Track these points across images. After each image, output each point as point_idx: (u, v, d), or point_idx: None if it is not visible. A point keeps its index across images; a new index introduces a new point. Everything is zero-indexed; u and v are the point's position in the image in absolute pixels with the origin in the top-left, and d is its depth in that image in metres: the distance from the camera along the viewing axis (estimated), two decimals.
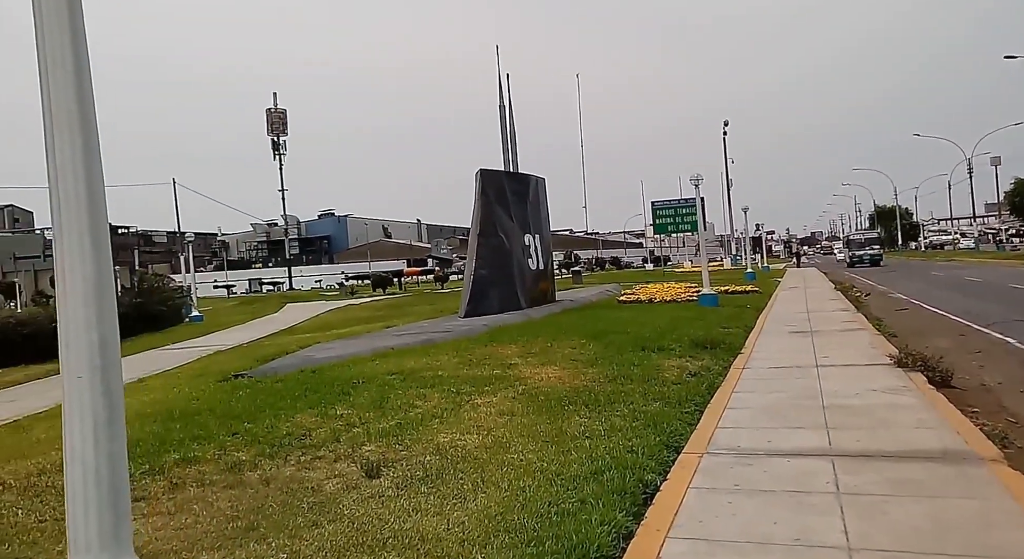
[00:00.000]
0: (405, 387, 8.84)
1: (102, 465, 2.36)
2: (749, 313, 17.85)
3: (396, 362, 10.85)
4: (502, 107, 23.10)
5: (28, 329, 17.74)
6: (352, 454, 6.20)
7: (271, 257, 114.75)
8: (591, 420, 6.96)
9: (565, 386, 8.69)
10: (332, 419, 7.36)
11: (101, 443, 2.37)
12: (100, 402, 2.41)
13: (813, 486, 5.05)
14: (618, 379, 9.01)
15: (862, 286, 28.49)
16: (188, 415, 7.81)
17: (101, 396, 2.42)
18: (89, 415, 2.38)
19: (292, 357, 12.29)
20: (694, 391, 8.32)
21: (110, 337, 2.48)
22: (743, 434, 6.48)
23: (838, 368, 9.64)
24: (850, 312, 17.47)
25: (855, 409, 7.17)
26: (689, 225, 35.86)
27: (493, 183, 19.82)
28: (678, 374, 9.41)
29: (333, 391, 8.68)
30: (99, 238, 2.50)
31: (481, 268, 19.05)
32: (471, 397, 8.19)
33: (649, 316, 16.78)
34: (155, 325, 24.65)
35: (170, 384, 10.62)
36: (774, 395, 8.11)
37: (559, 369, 9.87)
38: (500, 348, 12.05)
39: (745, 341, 12.86)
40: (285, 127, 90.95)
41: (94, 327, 2.43)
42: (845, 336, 13.04)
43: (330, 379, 9.52)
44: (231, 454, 6.33)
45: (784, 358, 10.80)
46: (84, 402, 2.39)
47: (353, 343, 14.10)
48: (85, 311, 2.42)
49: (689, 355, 10.89)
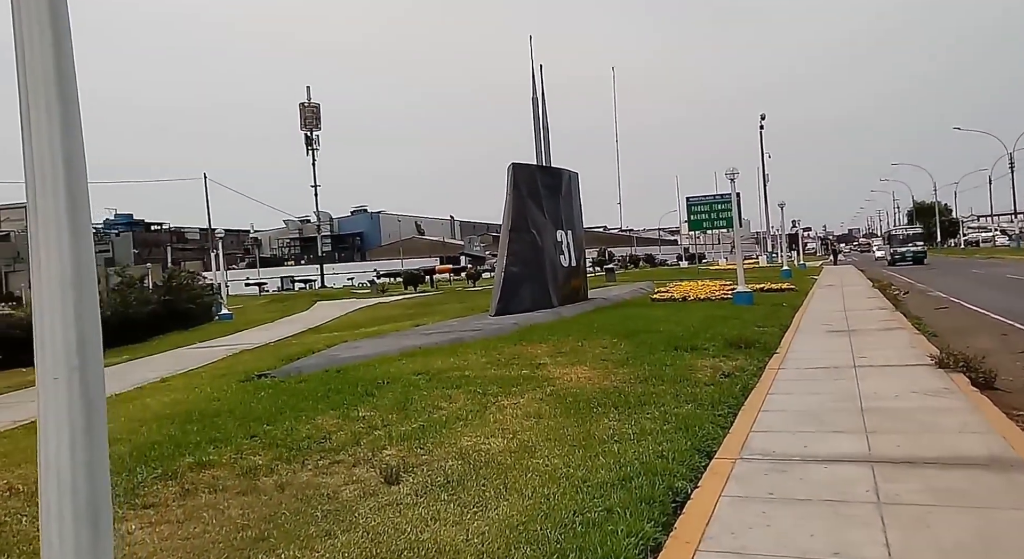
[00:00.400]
0: (430, 388, 8.67)
1: (79, 476, 2.18)
2: (785, 311, 17.44)
3: (423, 362, 10.70)
4: (535, 100, 22.80)
5: None
6: (372, 458, 6.03)
7: (303, 254, 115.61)
8: (620, 423, 6.73)
9: (595, 387, 8.46)
10: (354, 421, 7.22)
11: (79, 452, 2.19)
12: (78, 406, 2.22)
13: (852, 495, 4.78)
14: (649, 380, 8.76)
15: (900, 284, 27.79)
16: (207, 416, 7.71)
17: (79, 400, 2.23)
18: (65, 421, 2.20)
19: (317, 356, 12.20)
20: (727, 393, 8.05)
21: (90, 335, 2.29)
22: (778, 438, 6.20)
23: (877, 369, 9.28)
24: (888, 310, 16.98)
25: (895, 412, 6.85)
26: (724, 221, 35.33)
27: (525, 177, 19.58)
28: (711, 375, 9.12)
29: (357, 392, 8.54)
30: (79, 226, 2.31)
31: (512, 265, 18.83)
32: (497, 398, 8.00)
33: (682, 314, 16.47)
34: (184, 323, 24.81)
35: (192, 384, 10.57)
36: (810, 397, 7.80)
37: (589, 369, 9.64)
38: (529, 347, 11.85)
39: (780, 340, 12.51)
40: (318, 122, 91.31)
41: (72, 324, 2.24)
42: (883, 335, 12.63)
43: (354, 379, 9.38)
44: (247, 458, 6.20)
45: (821, 358, 10.45)
46: (60, 406, 2.21)
47: (380, 342, 13.98)
48: (63, 306, 2.23)
49: (723, 355, 10.59)
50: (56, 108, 2.31)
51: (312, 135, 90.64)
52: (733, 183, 22.35)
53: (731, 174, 21.83)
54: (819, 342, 12.29)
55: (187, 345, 18.74)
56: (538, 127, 22.69)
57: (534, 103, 22.77)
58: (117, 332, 20.12)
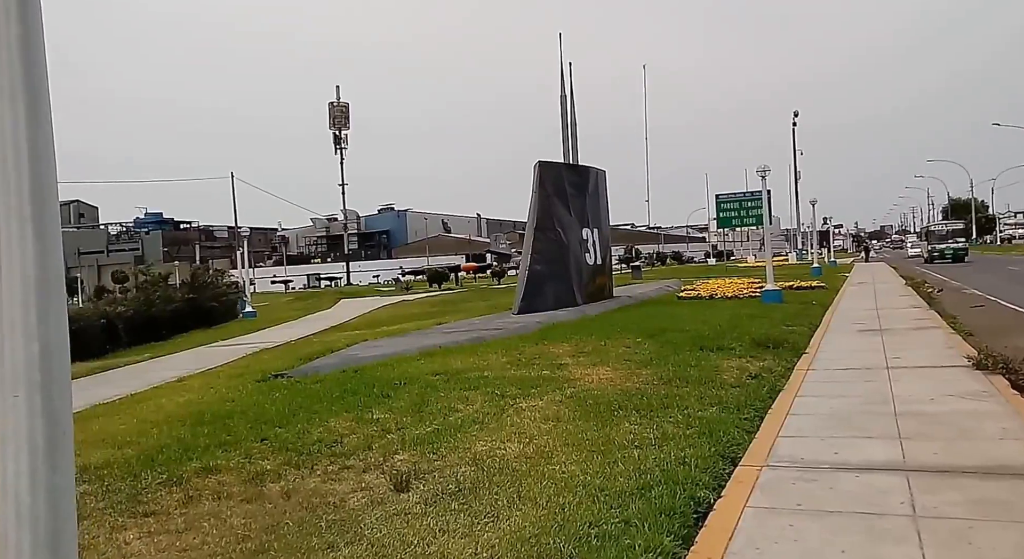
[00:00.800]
0: (448, 389, 8.49)
1: (40, 502, 2.00)
2: (814, 310, 17.05)
3: (442, 361, 10.52)
4: (563, 97, 22.55)
5: (75, 326, 17.92)
6: (383, 464, 5.85)
7: (330, 252, 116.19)
8: (642, 427, 6.49)
9: (616, 389, 8.22)
10: (367, 424, 7.05)
11: (39, 476, 2.01)
12: (39, 426, 2.04)
13: (886, 507, 4.51)
14: (673, 381, 8.50)
15: (934, 281, 27.14)
16: (219, 418, 7.58)
17: (40, 418, 2.05)
18: (25, 442, 2.01)
19: (335, 356, 12.07)
20: (754, 395, 7.78)
21: (56, 347, 2.10)
22: (807, 444, 5.93)
23: (911, 370, 8.95)
24: (922, 309, 16.54)
25: (931, 417, 6.54)
26: (754, 219, 34.77)
27: (551, 175, 19.34)
28: (737, 376, 8.85)
29: (373, 393, 8.37)
30: (45, 226, 2.11)
31: (536, 263, 18.61)
32: (516, 400, 7.79)
33: (709, 313, 16.14)
34: (208, 321, 24.91)
35: (208, 384, 10.48)
36: (841, 400, 7.51)
37: (611, 370, 9.40)
38: (551, 347, 11.63)
39: (810, 340, 12.18)
40: (347, 121, 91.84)
41: (35, 335, 2.05)
42: (918, 335, 12.25)
43: (371, 380, 9.22)
44: (256, 463, 6.04)
45: (852, 359, 10.12)
46: (20, 426, 2.03)
47: (400, 341, 13.84)
48: (24, 315, 2.05)
49: (750, 355, 10.30)
50: (22, 98, 2.13)
51: (341, 134, 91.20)
52: (764, 180, 21.90)
53: (762, 171, 21.43)
54: (850, 342, 11.95)
55: (209, 343, 18.75)
56: (566, 125, 22.46)
57: (562, 100, 22.53)
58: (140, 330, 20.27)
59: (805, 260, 54.51)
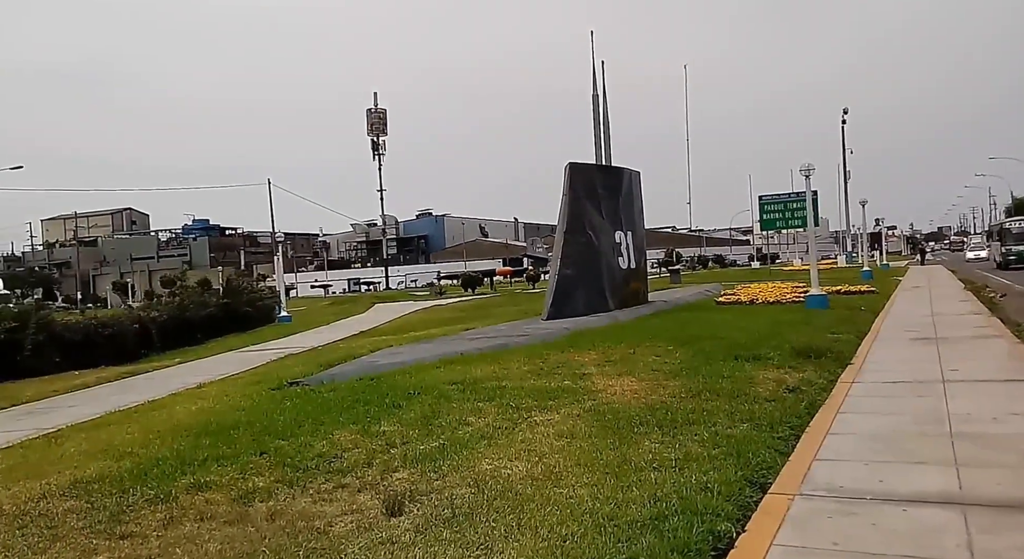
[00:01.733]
0: (462, 399, 7.98)
1: None
2: (863, 316, 16.17)
3: (461, 370, 10.02)
4: (595, 97, 21.98)
5: (110, 330, 17.94)
6: (379, 483, 5.36)
7: (370, 257, 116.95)
8: (663, 446, 5.90)
9: (640, 402, 7.63)
10: (373, 437, 6.57)
11: None
12: None
13: (938, 549, 3.87)
14: (702, 394, 7.87)
15: (996, 286, 25.91)
16: (224, 429, 7.19)
17: None
18: None
19: (355, 363, 11.66)
20: (791, 411, 7.12)
21: None
22: (847, 470, 5.28)
23: (969, 384, 8.19)
24: (983, 315, 15.56)
25: (993, 440, 5.83)
26: (799, 220, 33.67)
27: (583, 177, 18.75)
28: (774, 389, 8.18)
29: (384, 403, 7.90)
30: None
31: (566, 268, 18.04)
32: (531, 413, 7.24)
33: (748, 319, 15.39)
34: (243, 325, 24.82)
35: (224, 391, 10.14)
36: (889, 418, 6.81)
37: (637, 381, 8.80)
38: (577, 355, 11.06)
39: (856, 349, 11.40)
40: (385, 127, 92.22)
41: None
42: (978, 344, 11.39)
43: (386, 389, 8.76)
44: (249, 479, 5.62)
45: (903, 371, 9.36)
46: None
47: (424, 347, 13.39)
48: None
49: (789, 365, 9.60)
50: None
51: (379, 140, 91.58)
52: (808, 180, 20.96)
53: (806, 170, 20.49)
54: (901, 351, 11.15)
55: (240, 348, 18.55)
56: (598, 125, 21.90)
57: (594, 100, 21.96)
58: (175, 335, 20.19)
59: (855, 263, 52.90)
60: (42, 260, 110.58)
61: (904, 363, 9.98)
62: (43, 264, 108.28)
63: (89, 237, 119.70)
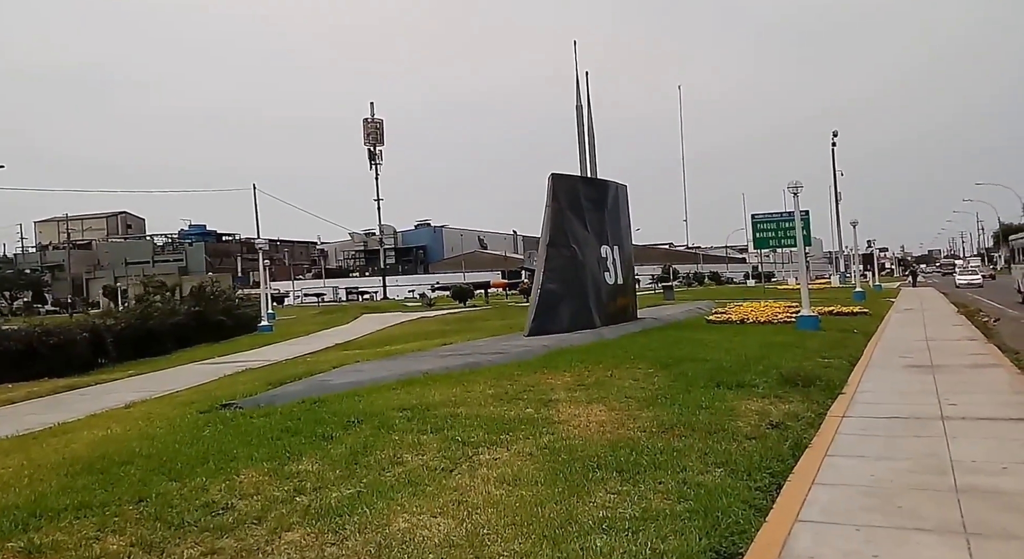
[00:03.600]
0: (406, 430, 7.10)
1: None
2: (855, 340, 15.35)
3: (419, 392, 9.16)
4: (579, 107, 21.20)
5: (56, 339, 16.86)
6: (262, 548, 4.42)
7: (368, 266, 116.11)
8: (620, 498, 5.03)
9: (605, 437, 6.76)
10: (283, 479, 5.66)
11: None
12: None
13: None
14: (675, 428, 7.01)
15: (989, 309, 25.14)
16: (115, 464, 6.23)
17: None
18: None
19: (306, 382, 10.76)
20: (773, 452, 6.26)
21: None
22: (835, 537, 4.40)
23: (972, 423, 7.33)
24: (979, 342, 14.76)
25: (1006, 499, 4.94)
26: (792, 240, 32.98)
27: (566, 188, 17.94)
28: (756, 423, 7.32)
29: (315, 434, 7.02)
30: None
31: (550, 282, 17.19)
32: (478, 450, 6.37)
33: (736, 340, 14.55)
34: (217, 335, 23.84)
35: (150, 413, 9.18)
36: (884, 464, 5.94)
37: (607, 410, 7.94)
38: (549, 376, 10.22)
39: (848, 377, 10.57)
40: (382, 137, 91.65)
41: None
42: (976, 374, 10.56)
43: (325, 415, 7.87)
44: (103, 540, 4.61)
45: (898, 403, 8.52)
46: None
47: (389, 365, 12.50)
48: None
49: (775, 395, 8.75)
50: None
51: (375, 150, 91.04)
52: (796, 198, 20.18)
53: (794, 187, 19.71)
54: (895, 380, 10.31)
55: (203, 360, 17.60)
56: (583, 136, 21.07)
57: (578, 111, 21.16)
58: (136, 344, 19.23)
59: (848, 284, 52.12)
60: (34, 262, 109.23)
61: (899, 395, 9.13)
62: (35, 267, 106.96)
63: (83, 240, 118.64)
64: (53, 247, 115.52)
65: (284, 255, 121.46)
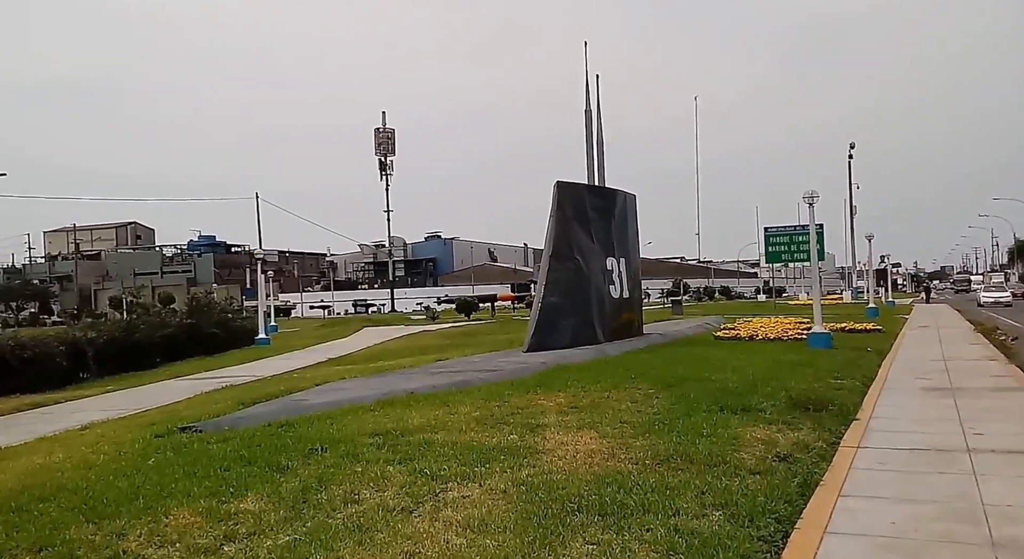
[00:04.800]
0: (372, 460, 6.42)
1: None
2: (869, 359, 14.58)
3: (398, 415, 8.48)
4: (588, 112, 20.55)
5: (30, 353, 16.15)
6: None
7: (378, 278, 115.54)
8: (599, 551, 4.34)
9: (591, 470, 6.07)
10: (215, 522, 4.96)
11: None
12: None
13: None
14: (671, 460, 6.31)
15: (1006, 327, 24.26)
16: (34, 501, 5.53)
17: None
18: None
19: (280, 402, 10.06)
20: (779, 491, 5.55)
21: None
22: None
23: (1003, 457, 6.59)
24: (999, 362, 13.99)
25: None
26: (805, 254, 32.33)
27: (571, 197, 17.22)
28: (761, 454, 6.61)
29: (271, 464, 6.34)
30: None
31: (551, 295, 16.48)
32: (447, 485, 5.68)
33: (744, 358, 13.80)
34: (210, 348, 23.20)
35: (104, 435, 8.49)
36: (905, 509, 5.21)
37: (598, 437, 7.25)
38: (542, 397, 9.53)
39: (862, 400, 9.84)
40: (393, 147, 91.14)
41: None
42: (1001, 399, 9.81)
43: (289, 441, 7.20)
44: None
45: (917, 432, 7.78)
46: None
47: (375, 382, 11.83)
48: None
49: (783, 421, 8.03)
50: None
51: (387, 160, 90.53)
52: (812, 209, 19.33)
53: (809, 198, 18.83)
54: (913, 405, 9.56)
55: (188, 375, 16.97)
56: (590, 142, 20.43)
57: (587, 115, 20.54)
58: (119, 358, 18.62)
59: (861, 299, 51.15)
60: (43, 273, 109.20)
61: (918, 422, 8.39)
62: (44, 277, 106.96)
63: (92, 250, 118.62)
64: (62, 257, 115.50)
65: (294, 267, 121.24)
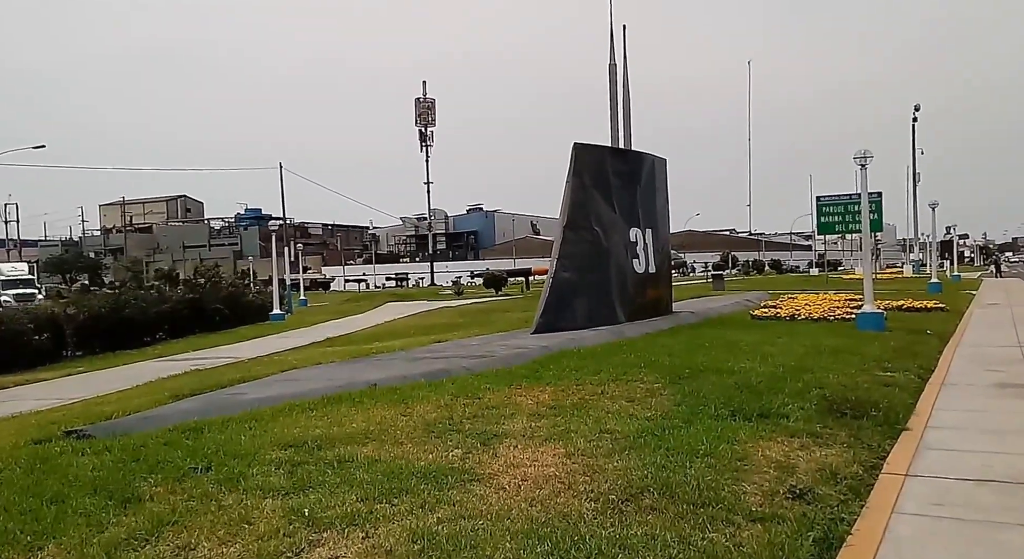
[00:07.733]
0: (251, 489, 4.91)
1: None
2: (928, 344, 12.54)
3: (335, 418, 6.98)
4: (612, 66, 18.45)
5: None
6: None
7: (419, 251, 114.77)
8: None
9: (530, 512, 4.46)
10: None
11: None
12: None
13: None
14: (646, 494, 4.67)
15: None
16: None
17: None
18: None
19: (210, 397, 8.57)
20: (783, 555, 3.87)
21: None
22: None
23: None
24: None
25: None
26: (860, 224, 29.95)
27: (591, 162, 15.41)
28: (770, 487, 4.92)
29: (126, 492, 4.87)
30: None
31: (564, 270, 14.78)
32: (320, 537, 4.11)
33: (779, 343, 11.93)
34: (215, 325, 22.08)
35: None
36: None
37: (564, 455, 5.63)
38: (522, 392, 7.98)
39: (916, 402, 7.98)
40: (433, 117, 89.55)
41: None
42: None
43: (176, 455, 5.72)
44: None
45: (990, 451, 5.96)
46: None
47: (341, 371, 10.36)
48: None
49: (809, 432, 6.30)
50: None
51: (427, 131, 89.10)
52: (864, 171, 16.92)
53: (861, 158, 16.42)
54: (983, 410, 7.69)
55: (169, 356, 15.78)
56: (615, 100, 18.43)
57: (611, 70, 18.43)
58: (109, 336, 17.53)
59: (922, 274, 48.16)
60: (98, 245, 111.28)
61: (990, 435, 6.55)
62: (99, 249, 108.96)
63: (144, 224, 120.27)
64: (116, 230, 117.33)
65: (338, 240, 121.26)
